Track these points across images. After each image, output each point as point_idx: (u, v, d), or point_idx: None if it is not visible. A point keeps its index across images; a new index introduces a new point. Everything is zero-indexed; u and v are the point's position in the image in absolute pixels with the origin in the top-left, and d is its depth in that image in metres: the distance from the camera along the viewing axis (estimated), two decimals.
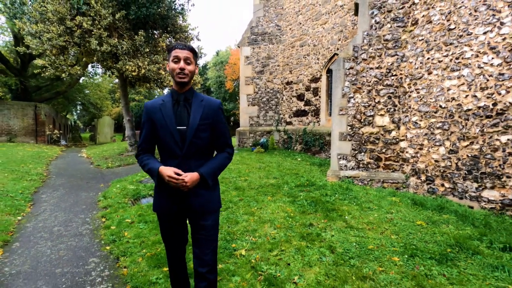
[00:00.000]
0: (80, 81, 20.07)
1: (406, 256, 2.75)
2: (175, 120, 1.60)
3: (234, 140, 12.51)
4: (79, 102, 28.36)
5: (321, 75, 9.43)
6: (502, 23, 4.10)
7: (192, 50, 1.63)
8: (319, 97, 9.56)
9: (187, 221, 1.78)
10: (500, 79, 4.12)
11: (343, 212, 3.95)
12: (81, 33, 7.07)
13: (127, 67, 7.45)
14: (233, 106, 30.66)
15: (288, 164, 7.71)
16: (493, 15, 4.19)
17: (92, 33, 7.04)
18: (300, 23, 10.15)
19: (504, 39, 4.09)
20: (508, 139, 4.07)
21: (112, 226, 3.62)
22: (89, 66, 11.95)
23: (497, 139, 4.18)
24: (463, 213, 3.97)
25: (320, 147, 9.14)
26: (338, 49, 8.57)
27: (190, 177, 1.54)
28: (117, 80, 12.65)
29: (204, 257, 1.64)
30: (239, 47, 11.93)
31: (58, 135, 17.16)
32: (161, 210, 1.68)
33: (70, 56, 8.19)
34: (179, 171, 1.53)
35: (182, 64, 1.58)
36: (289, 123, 11.02)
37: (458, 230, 3.37)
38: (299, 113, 10.48)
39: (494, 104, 4.20)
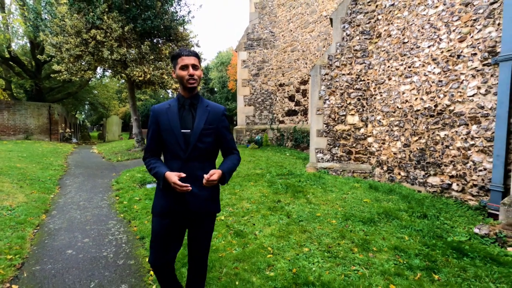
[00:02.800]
0: (89, 82, 21.27)
1: (341, 219, 3.70)
2: (180, 123, 1.65)
3: None
4: (88, 102, 29.70)
5: (308, 78, 10.35)
6: (440, 39, 4.99)
7: (196, 55, 1.69)
8: (307, 98, 10.49)
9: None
10: (439, 85, 5.01)
11: (308, 193, 4.90)
12: (95, 44, 8.15)
13: (134, 72, 8.51)
14: (236, 105, 31.61)
15: (277, 158, 8.66)
16: (435, 32, 5.08)
17: (105, 43, 8.12)
18: (291, 30, 11.08)
19: (442, 52, 4.98)
20: (445, 134, 4.96)
21: (124, 201, 4.65)
22: (98, 68, 13.03)
23: (437, 134, 5.08)
24: (406, 194, 4.89)
25: (308, 143, 10.07)
26: (323, 55, 9.47)
27: (218, 174, 1.59)
28: (123, 81, 13.76)
29: (199, 254, 1.77)
30: (236, 51, 12.90)
31: (70, 133, 18.38)
32: (163, 210, 1.68)
33: (84, 63, 9.27)
34: (183, 175, 1.57)
35: (191, 70, 1.63)
36: (282, 121, 11.97)
37: (394, 205, 4.30)
38: (291, 113, 11.42)
39: (436, 106, 5.09)
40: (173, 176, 1.55)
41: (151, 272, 2.65)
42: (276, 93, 12.15)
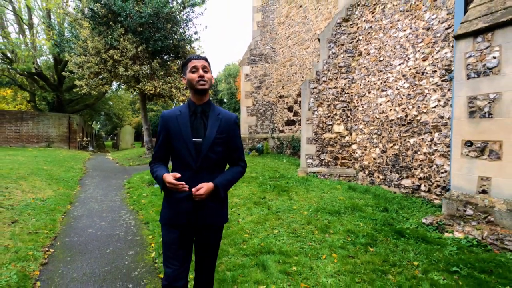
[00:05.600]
0: (105, 94, 22.75)
1: (312, 211, 4.40)
2: (191, 131, 1.60)
3: None
4: (103, 113, 31.39)
5: None
6: (408, 58, 5.71)
7: (206, 60, 1.67)
8: None
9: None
10: (409, 98, 5.69)
11: (292, 192, 5.61)
12: (112, 62, 9.29)
13: (146, 87, 9.57)
14: None
15: (273, 164, 9.39)
16: (404, 51, 5.81)
17: (120, 62, 9.25)
18: (290, 47, 11.98)
19: (410, 69, 5.69)
20: (414, 141, 5.61)
21: (134, 197, 5.50)
22: (113, 81, 14.28)
23: (408, 141, 5.73)
24: (378, 194, 5.52)
25: None
26: (311, 70, 10.26)
27: (206, 188, 1.53)
28: (136, 93, 15.00)
29: (205, 272, 1.72)
30: (240, 66, 13.88)
31: (87, 142, 19.69)
32: (169, 221, 1.63)
33: (102, 78, 10.43)
34: (178, 175, 1.52)
35: (201, 72, 1.60)
36: (282, 131, 12.74)
37: (364, 202, 4.95)
38: (289, 123, 12.19)
39: (406, 116, 5.77)
40: (168, 176, 1.51)
41: (152, 244, 3.43)
42: (277, 104, 12.98)
